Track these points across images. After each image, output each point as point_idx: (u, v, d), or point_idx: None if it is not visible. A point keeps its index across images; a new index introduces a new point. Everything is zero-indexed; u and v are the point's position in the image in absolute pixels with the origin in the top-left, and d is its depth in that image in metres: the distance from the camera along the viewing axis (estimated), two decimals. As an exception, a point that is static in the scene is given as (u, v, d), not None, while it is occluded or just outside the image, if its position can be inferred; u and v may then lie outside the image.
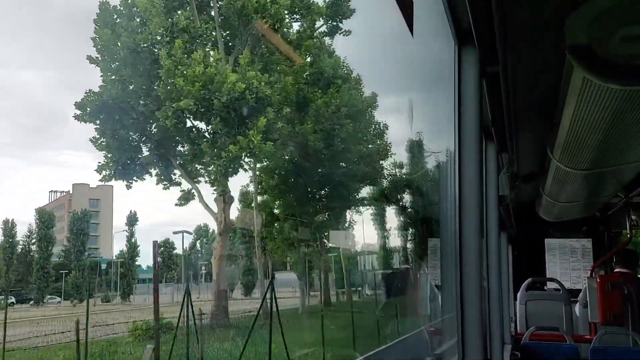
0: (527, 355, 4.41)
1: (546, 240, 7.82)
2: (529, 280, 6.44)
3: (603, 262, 6.92)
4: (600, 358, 4.09)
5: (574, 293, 6.36)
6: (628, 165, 3.23)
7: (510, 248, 7.12)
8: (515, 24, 2.20)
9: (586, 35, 1.89)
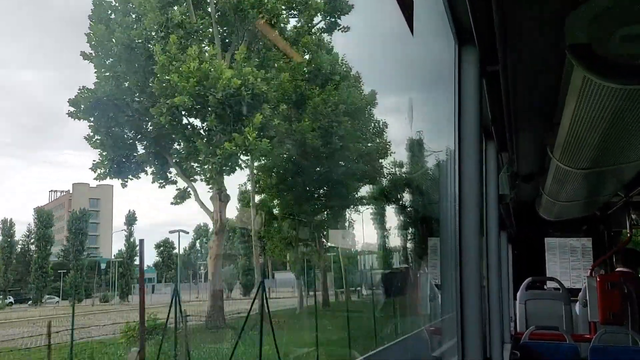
0: (527, 354, 4.41)
1: (546, 239, 7.82)
2: (528, 279, 6.44)
3: (603, 262, 6.93)
4: (600, 357, 4.10)
5: (573, 292, 6.36)
6: (628, 164, 3.23)
7: (510, 247, 7.13)
8: (516, 23, 2.20)
9: (586, 35, 1.89)
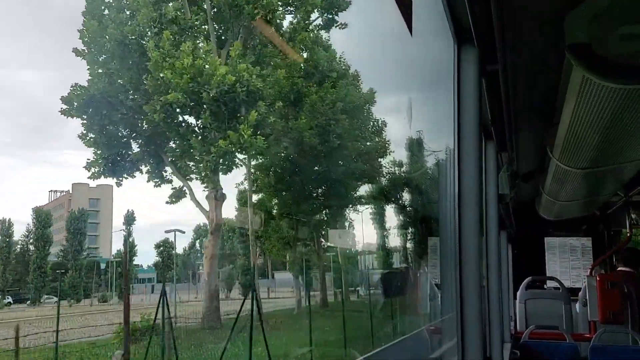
0: (527, 353, 4.41)
1: (546, 238, 7.82)
2: (528, 278, 6.44)
3: (603, 261, 6.93)
4: (600, 356, 4.10)
5: (573, 292, 6.37)
6: (628, 163, 3.23)
7: (510, 247, 7.13)
8: (515, 22, 2.20)
9: (585, 34, 1.89)
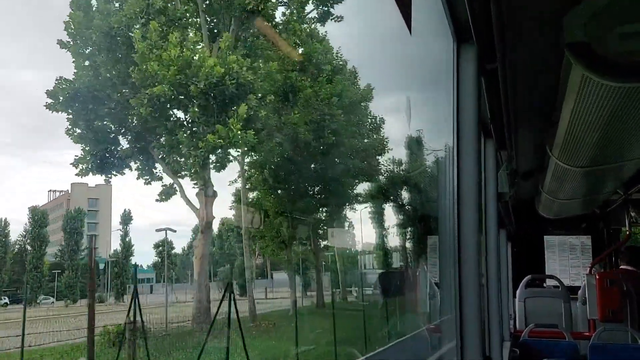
0: (526, 352, 4.41)
1: (545, 237, 7.83)
2: (528, 277, 6.44)
3: (602, 259, 6.94)
4: (599, 355, 4.10)
5: (573, 290, 6.37)
6: (627, 162, 3.23)
7: (509, 245, 7.12)
8: (514, 21, 2.19)
9: (584, 33, 1.89)
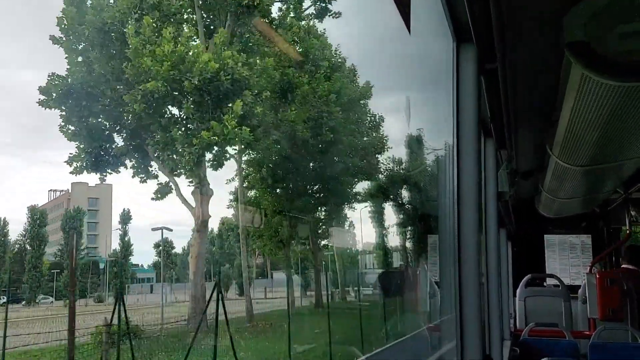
0: (526, 351, 4.41)
1: (545, 236, 7.83)
2: (528, 276, 6.45)
3: (602, 258, 6.94)
4: (599, 354, 4.10)
5: (573, 289, 6.37)
6: (627, 161, 3.24)
7: (509, 244, 7.12)
8: (514, 21, 2.20)
9: (584, 32, 1.89)
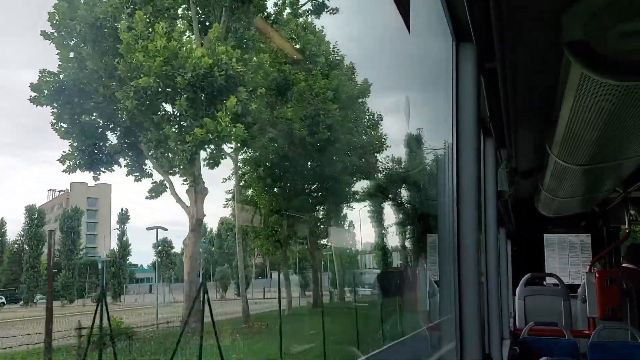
0: (526, 350, 4.41)
1: (545, 235, 7.83)
2: (527, 275, 6.45)
3: (602, 257, 6.94)
4: (599, 353, 4.10)
5: (572, 288, 6.38)
6: (626, 160, 3.24)
7: (509, 243, 7.13)
8: (513, 20, 2.19)
9: (583, 32, 1.89)
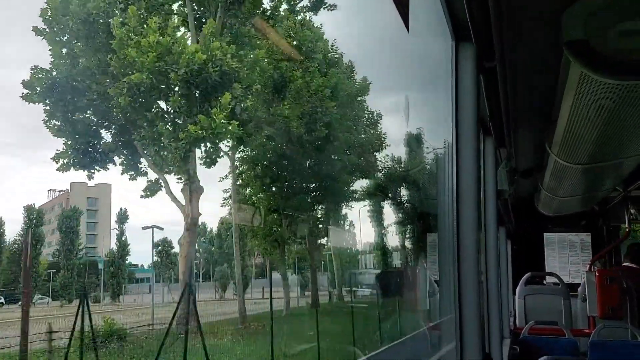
0: (526, 349, 4.41)
1: (545, 234, 7.83)
2: (528, 274, 6.46)
3: (602, 256, 6.94)
4: (599, 352, 4.10)
5: (572, 287, 6.38)
6: (626, 159, 3.24)
7: (509, 243, 7.13)
8: (513, 20, 2.20)
9: (583, 31, 1.89)
